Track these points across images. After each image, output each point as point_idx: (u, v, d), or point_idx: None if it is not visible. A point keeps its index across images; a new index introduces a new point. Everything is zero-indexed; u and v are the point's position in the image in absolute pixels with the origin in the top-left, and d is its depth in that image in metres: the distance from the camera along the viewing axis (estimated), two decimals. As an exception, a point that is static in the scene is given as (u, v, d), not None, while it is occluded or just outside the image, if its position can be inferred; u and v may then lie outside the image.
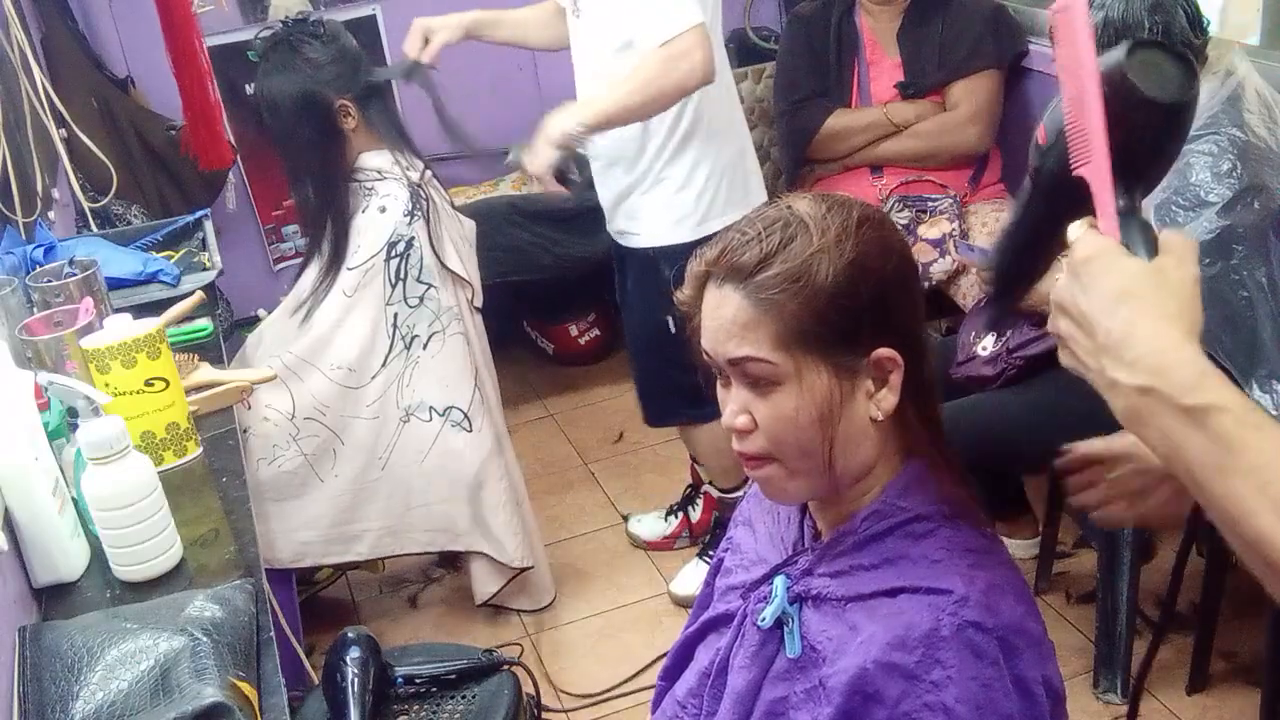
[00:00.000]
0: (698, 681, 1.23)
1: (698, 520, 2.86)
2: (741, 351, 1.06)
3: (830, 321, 1.04)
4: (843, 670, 1.05)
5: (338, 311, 2.36)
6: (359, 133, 2.38)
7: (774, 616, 1.12)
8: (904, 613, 1.04)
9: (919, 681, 1.01)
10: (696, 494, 2.87)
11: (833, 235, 1.05)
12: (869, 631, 1.05)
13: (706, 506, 2.85)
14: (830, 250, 1.04)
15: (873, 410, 1.08)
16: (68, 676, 1.21)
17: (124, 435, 1.41)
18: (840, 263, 1.04)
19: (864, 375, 1.07)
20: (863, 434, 1.08)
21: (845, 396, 1.06)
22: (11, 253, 2.08)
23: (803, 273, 1.03)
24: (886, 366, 1.07)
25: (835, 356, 1.05)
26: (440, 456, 2.47)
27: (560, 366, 3.76)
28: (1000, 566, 1.08)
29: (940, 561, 1.06)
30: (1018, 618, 1.04)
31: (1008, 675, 1.02)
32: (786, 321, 1.04)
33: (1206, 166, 1.97)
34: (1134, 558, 2.21)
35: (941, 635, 1.01)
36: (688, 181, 2.35)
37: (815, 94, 3.04)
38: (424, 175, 2.44)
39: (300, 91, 2.29)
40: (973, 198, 2.96)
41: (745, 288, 1.05)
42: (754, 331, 1.05)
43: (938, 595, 1.03)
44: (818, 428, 1.06)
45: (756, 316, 1.05)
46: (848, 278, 1.04)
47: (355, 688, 1.69)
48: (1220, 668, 2.28)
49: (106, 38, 3.28)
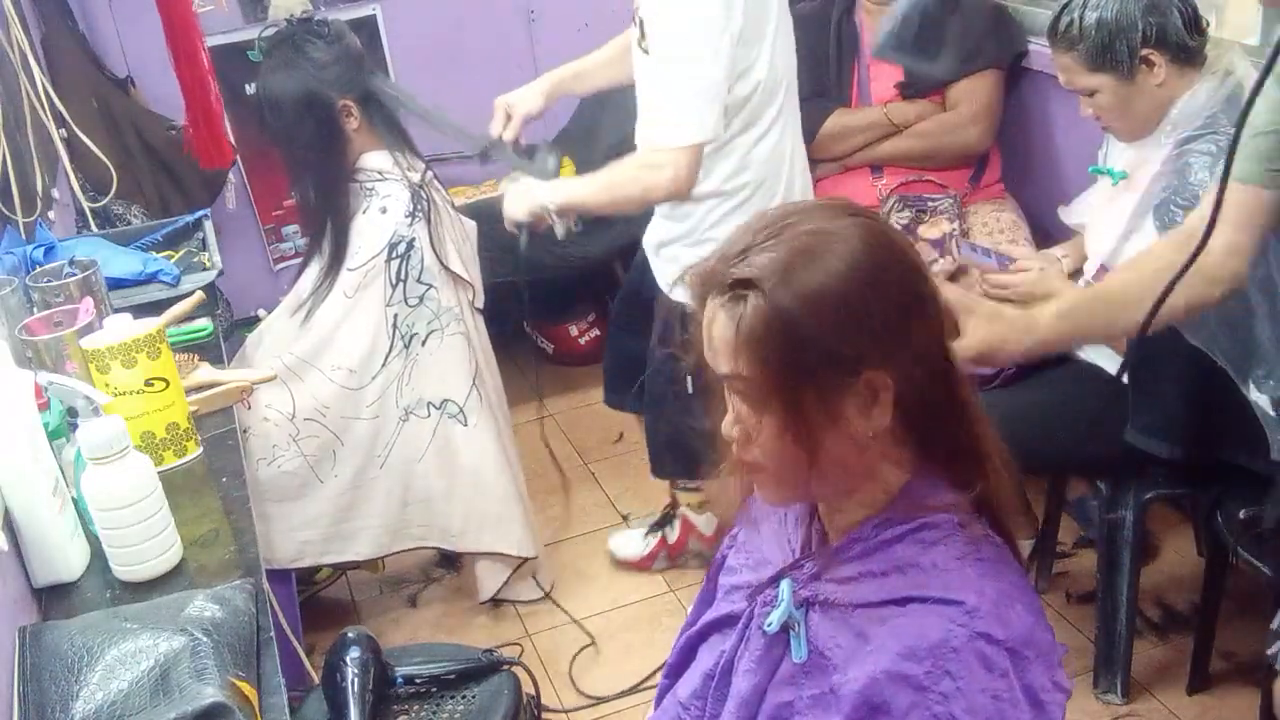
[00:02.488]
0: (701, 683, 1.22)
1: (675, 541, 2.83)
2: (728, 369, 1.06)
3: (817, 347, 1.02)
4: (853, 680, 1.04)
5: (338, 312, 2.36)
6: (360, 133, 2.38)
7: (780, 622, 1.12)
8: (914, 623, 1.03)
9: (928, 693, 1.00)
10: (673, 516, 2.83)
11: (831, 259, 1.02)
12: (879, 641, 1.04)
13: (683, 529, 2.81)
14: (825, 274, 1.02)
15: (865, 427, 1.06)
16: (68, 676, 1.21)
17: (124, 435, 1.41)
18: (832, 288, 1.01)
19: (854, 394, 1.04)
20: (858, 447, 1.07)
21: (834, 415, 1.04)
22: (11, 253, 2.08)
23: (791, 298, 1.01)
24: (876, 387, 1.04)
25: (821, 379, 1.03)
26: (438, 450, 2.47)
27: (560, 366, 3.76)
28: (1010, 575, 1.08)
29: (950, 570, 1.05)
30: (1027, 628, 1.04)
31: (1018, 686, 1.02)
32: (771, 344, 1.02)
33: (1205, 166, 1.97)
34: (1134, 558, 2.20)
35: (952, 646, 1.01)
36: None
37: (815, 94, 3.03)
38: (425, 176, 2.44)
39: (303, 91, 2.29)
40: (973, 198, 2.95)
41: (732, 308, 1.04)
42: (741, 352, 1.04)
43: (948, 606, 1.03)
44: (803, 445, 1.05)
45: (743, 337, 1.03)
46: (839, 303, 1.02)
47: (355, 688, 1.69)
48: (1220, 668, 2.28)
49: (106, 38, 3.28)
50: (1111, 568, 2.23)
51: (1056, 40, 2.14)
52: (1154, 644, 2.41)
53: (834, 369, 1.03)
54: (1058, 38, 2.13)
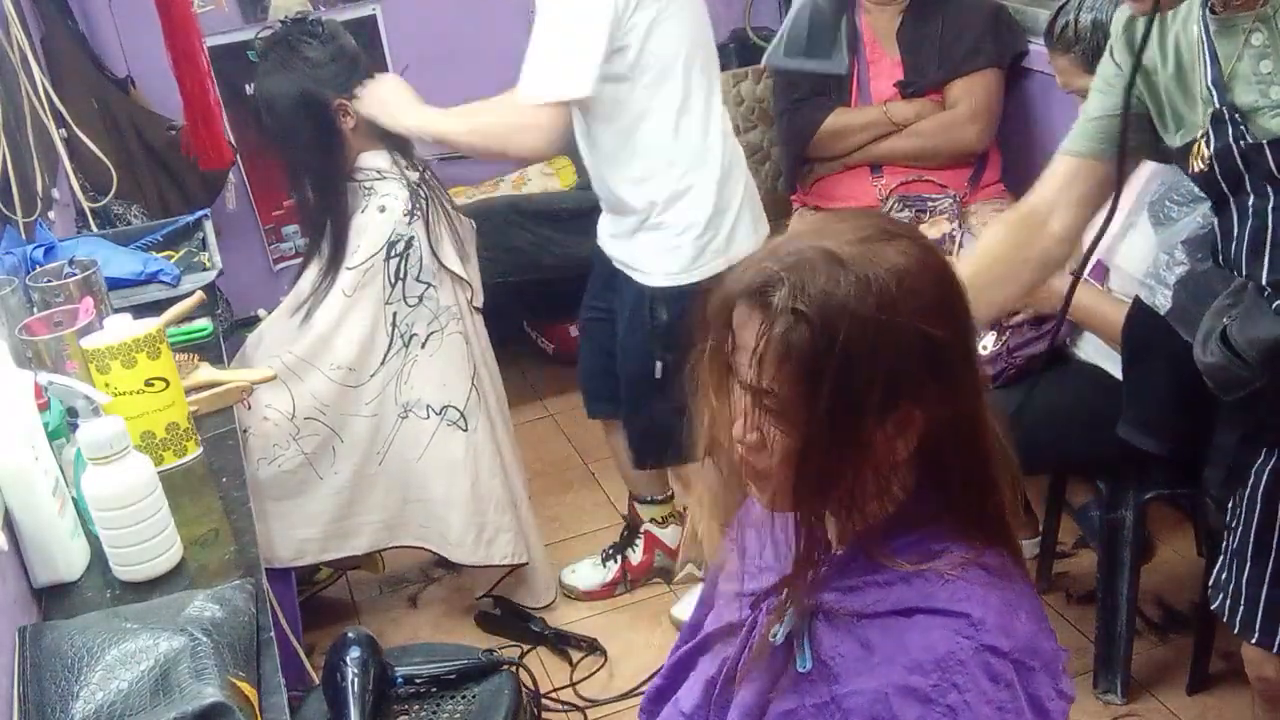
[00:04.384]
0: (703, 692, 1.22)
1: (639, 563, 2.75)
2: (755, 380, 1.02)
3: (863, 376, 0.99)
4: (859, 692, 1.04)
5: (337, 311, 2.36)
6: (358, 133, 2.37)
7: (785, 632, 1.11)
8: (920, 635, 1.03)
9: (934, 705, 1.00)
10: (635, 535, 2.75)
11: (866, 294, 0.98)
12: (884, 653, 1.04)
13: (647, 547, 2.74)
14: (858, 312, 0.98)
15: (888, 455, 1.04)
16: (68, 676, 1.21)
17: (124, 435, 1.41)
18: (869, 326, 0.98)
19: (885, 425, 1.02)
20: (874, 472, 1.05)
21: (862, 443, 1.02)
22: (11, 253, 2.08)
23: (823, 330, 0.98)
24: (909, 420, 1.03)
25: (859, 408, 1.00)
26: (437, 454, 2.47)
27: (560, 366, 3.76)
28: (1014, 584, 1.07)
29: (954, 580, 1.05)
30: (1031, 636, 1.04)
31: (1023, 696, 1.02)
32: (815, 367, 0.99)
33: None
34: (1134, 558, 2.20)
35: (959, 659, 1.01)
36: (687, 226, 2.27)
37: (815, 93, 3.04)
38: (423, 175, 2.44)
39: (299, 91, 2.30)
40: (972, 197, 2.96)
41: (773, 318, 1.00)
42: (769, 367, 1.01)
43: (953, 618, 1.02)
44: (819, 466, 1.03)
45: (774, 353, 1.00)
46: (891, 333, 0.98)
47: (355, 688, 1.69)
48: (1220, 668, 2.27)
49: (106, 38, 3.28)
50: (1111, 568, 2.23)
51: (1053, 42, 2.14)
52: (1154, 644, 2.41)
53: (874, 400, 1.00)
54: (1054, 40, 2.13)
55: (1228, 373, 1.53)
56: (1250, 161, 1.42)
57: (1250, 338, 1.49)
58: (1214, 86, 1.43)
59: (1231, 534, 1.68)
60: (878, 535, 1.09)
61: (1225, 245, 1.53)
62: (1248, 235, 1.47)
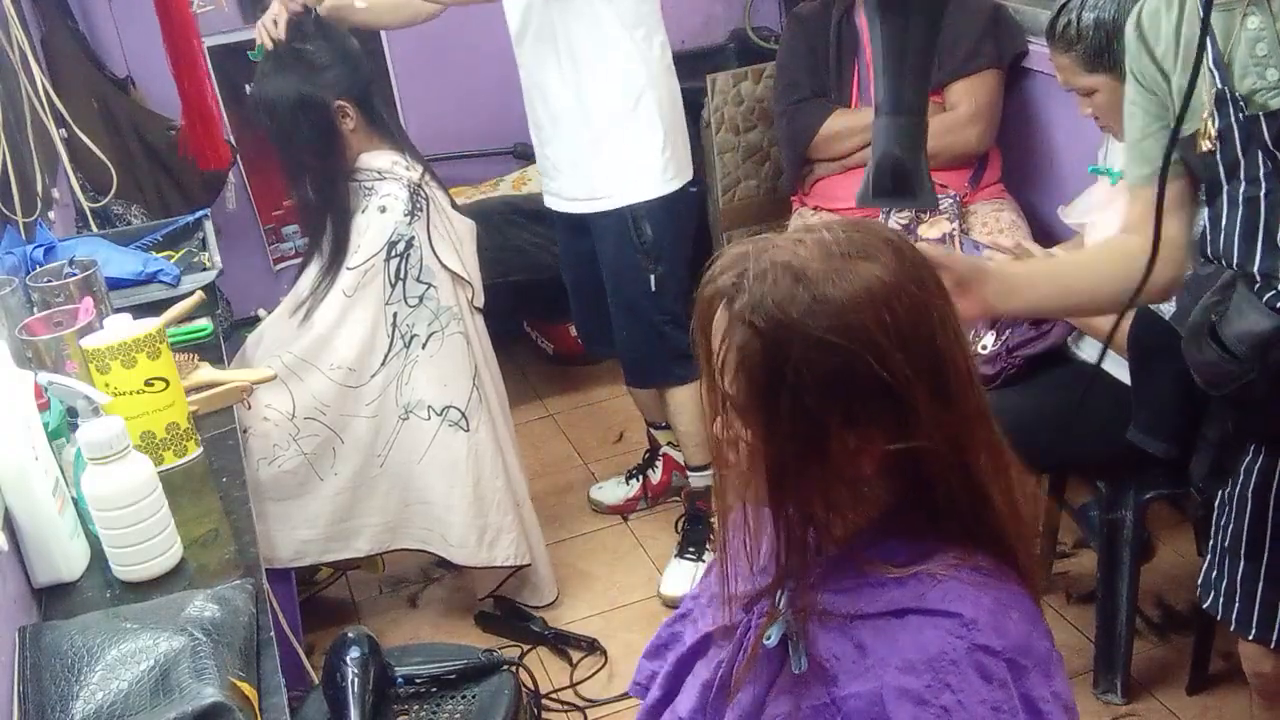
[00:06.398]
0: (699, 697, 1.22)
1: (658, 482, 2.97)
2: (725, 386, 1.04)
3: (799, 397, 0.99)
4: (855, 695, 1.03)
5: (338, 311, 2.36)
6: (358, 133, 2.38)
7: (779, 635, 1.11)
8: (913, 636, 1.03)
9: (929, 706, 1.00)
10: (655, 457, 2.98)
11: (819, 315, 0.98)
12: (878, 654, 1.04)
13: (666, 468, 2.95)
14: (808, 334, 0.97)
15: (852, 468, 1.03)
16: (68, 676, 1.21)
17: (124, 435, 1.41)
18: (820, 348, 0.97)
19: (842, 438, 1.01)
20: (844, 474, 1.04)
21: (818, 451, 1.01)
22: (11, 253, 2.08)
23: (775, 345, 0.98)
24: (867, 439, 1.02)
25: (804, 421, 1.00)
26: (438, 455, 2.46)
27: (560, 366, 3.76)
28: (1007, 583, 1.07)
29: (946, 580, 1.04)
30: (1023, 635, 1.04)
31: (1016, 696, 1.01)
32: (761, 378, 1.00)
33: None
34: (1134, 558, 2.20)
35: (952, 659, 1.00)
36: (652, 133, 2.41)
37: (815, 94, 3.04)
38: (424, 175, 2.44)
39: (298, 93, 2.30)
40: (973, 197, 2.95)
41: (737, 332, 1.00)
42: (729, 371, 1.02)
43: (946, 618, 1.02)
44: (781, 467, 1.03)
45: (732, 359, 1.01)
46: (822, 363, 0.97)
47: (355, 688, 1.69)
48: (1220, 668, 2.27)
49: (106, 38, 3.28)
50: (1111, 568, 2.23)
51: (1054, 41, 2.14)
52: (1154, 644, 2.41)
53: (832, 419, 1.00)
54: (1055, 38, 2.13)
55: (1217, 368, 1.54)
56: (1250, 134, 1.46)
57: (1239, 332, 1.50)
58: (1215, 67, 1.47)
59: (1221, 532, 1.69)
60: (865, 539, 1.09)
61: (1214, 235, 1.55)
62: (1239, 223, 1.51)
